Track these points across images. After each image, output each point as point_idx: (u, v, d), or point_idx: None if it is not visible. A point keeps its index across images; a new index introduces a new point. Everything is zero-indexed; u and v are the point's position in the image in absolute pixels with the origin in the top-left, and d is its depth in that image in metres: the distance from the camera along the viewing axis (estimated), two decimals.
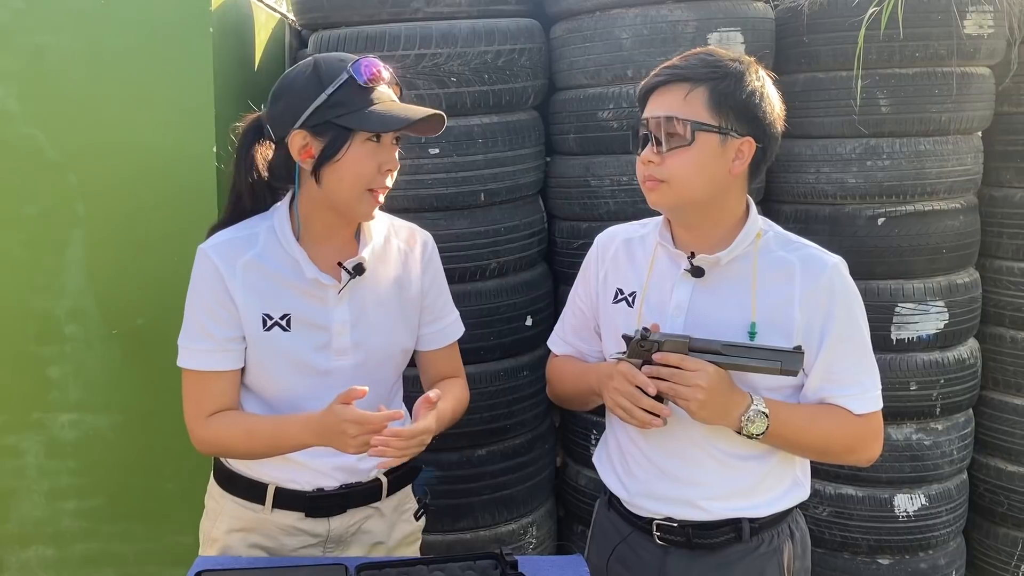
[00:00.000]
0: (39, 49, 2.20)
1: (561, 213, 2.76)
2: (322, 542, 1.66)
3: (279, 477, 1.63)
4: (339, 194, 1.53)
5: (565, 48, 2.61)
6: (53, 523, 2.37)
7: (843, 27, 2.55)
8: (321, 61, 1.52)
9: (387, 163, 1.53)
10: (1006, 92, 2.79)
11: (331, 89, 1.47)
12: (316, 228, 1.59)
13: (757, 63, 1.53)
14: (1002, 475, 2.85)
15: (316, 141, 1.50)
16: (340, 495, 1.65)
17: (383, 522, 1.72)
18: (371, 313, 1.64)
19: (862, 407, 1.53)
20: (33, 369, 2.30)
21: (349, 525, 1.68)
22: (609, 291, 1.68)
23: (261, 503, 1.64)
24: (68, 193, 2.25)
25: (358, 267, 1.59)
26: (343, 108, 1.47)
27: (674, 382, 1.46)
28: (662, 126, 1.46)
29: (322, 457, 1.61)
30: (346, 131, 1.48)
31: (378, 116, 1.47)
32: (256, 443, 1.58)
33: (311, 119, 1.48)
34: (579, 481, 2.81)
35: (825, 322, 1.50)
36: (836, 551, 2.72)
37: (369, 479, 1.68)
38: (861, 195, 2.62)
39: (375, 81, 1.49)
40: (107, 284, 2.28)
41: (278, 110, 1.54)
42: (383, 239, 1.68)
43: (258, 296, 1.57)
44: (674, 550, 1.61)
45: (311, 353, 1.59)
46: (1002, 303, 2.85)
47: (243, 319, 1.57)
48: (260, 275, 1.57)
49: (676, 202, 1.51)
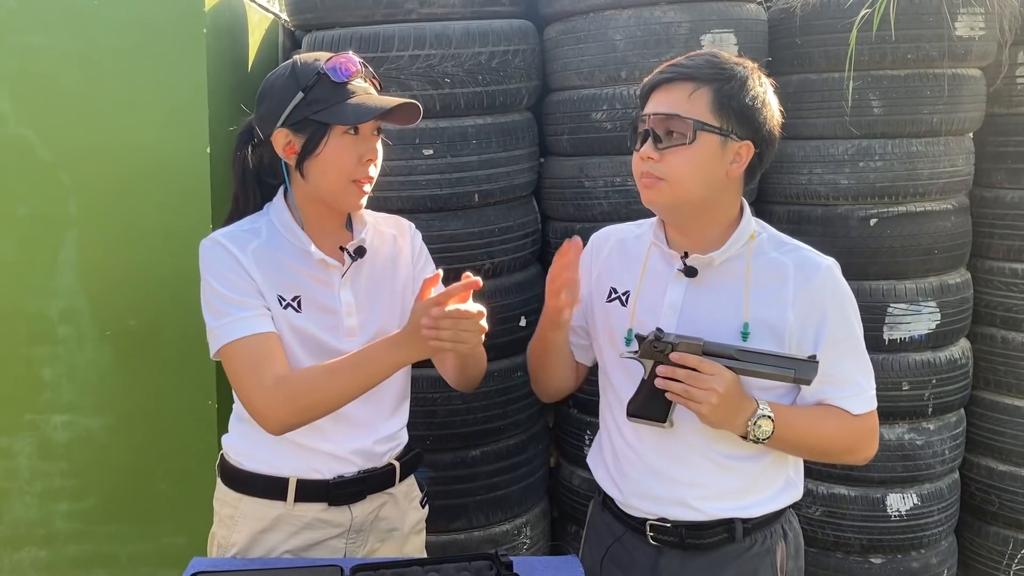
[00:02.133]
0: (32, 49, 2.19)
1: (555, 214, 2.76)
2: (345, 532, 1.68)
3: (299, 468, 1.64)
4: (324, 186, 1.59)
5: (559, 49, 2.62)
6: (45, 524, 2.37)
7: (835, 29, 2.56)
8: (298, 62, 1.60)
9: (367, 153, 1.59)
10: (997, 93, 2.80)
11: (307, 87, 1.54)
12: (311, 220, 1.66)
13: (759, 69, 1.53)
14: (993, 474, 2.86)
15: (297, 138, 1.58)
16: (359, 480, 1.67)
17: (397, 508, 1.76)
18: (372, 294, 1.70)
19: (860, 407, 1.54)
20: (26, 370, 2.30)
21: (368, 513, 1.70)
22: (603, 290, 1.68)
23: (283, 499, 1.64)
24: (61, 194, 2.24)
25: (359, 249, 1.66)
26: (319, 104, 1.54)
27: (689, 384, 1.45)
28: (664, 123, 1.47)
29: (343, 442, 1.65)
30: (324, 126, 1.55)
31: (351, 109, 1.54)
32: (340, 378, 1.53)
33: (291, 117, 1.56)
34: (573, 481, 2.81)
35: (820, 324, 1.51)
36: (829, 550, 2.73)
37: (383, 464, 1.72)
38: (853, 196, 2.63)
39: (350, 77, 1.57)
40: (100, 285, 2.28)
41: (262, 111, 1.62)
42: (372, 227, 1.74)
43: (271, 278, 1.60)
44: (667, 550, 1.61)
45: (324, 334, 1.62)
46: (993, 303, 2.86)
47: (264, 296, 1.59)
48: (270, 259, 1.61)
49: (672, 201, 1.51)
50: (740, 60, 1.52)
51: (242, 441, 1.69)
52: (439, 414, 2.50)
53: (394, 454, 1.75)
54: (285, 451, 1.63)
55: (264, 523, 1.66)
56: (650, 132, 1.48)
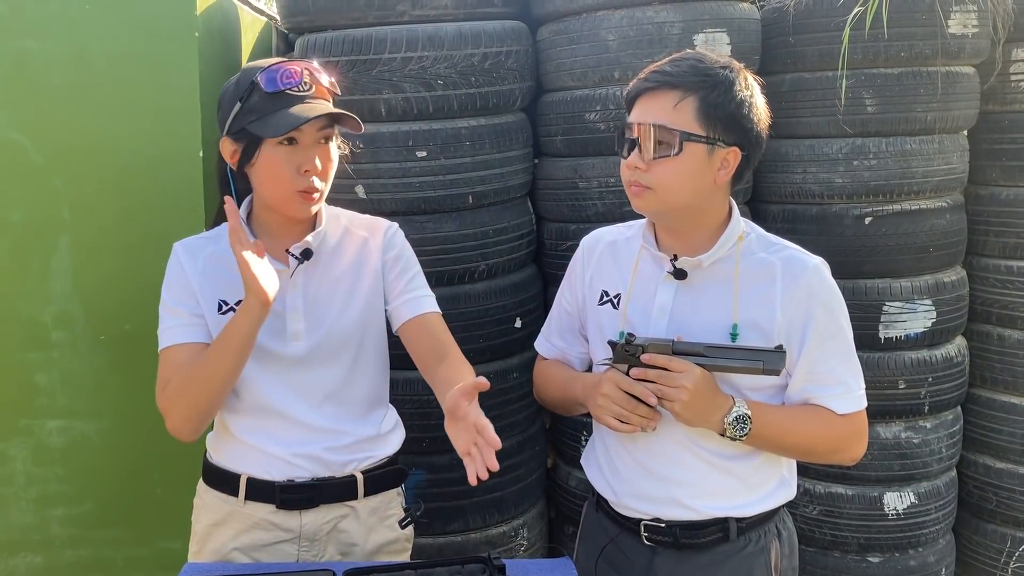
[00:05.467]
0: (23, 54, 2.19)
1: (549, 215, 2.76)
2: (295, 538, 1.66)
3: (252, 467, 1.66)
4: (266, 195, 1.61)
5: (552, 50, 2.61)
6: (41, 530, 2.36)
7: (829, 27, 2.56)
8: (243, 70, 1.60)
9: (304, 164, 1.55)
10: (991, 91, 2.80)
11: (242, 96, 1.54)
12: (269, 224, 1.67)
13: (746, 70, 1.52)
14: (990, 472, 2.86)
15: (237, 147, 1.58)
16: (310, 487, 1.65)
17: (358, 523, 1.70)
18: (325, 298, 1.67)
19: (845, 407, 1.53)
20: (20, 375, 2.29)
21: (323, 523, 1.67)
22: (595, 293, 1.68)
23: (235, 495, 1.66)
24: (54, 198, 2.24)
25: (305, 252, 1.64)
26: (254, 114, 1.54)
27: (660, 383, 1.47)
28: (651, 133, 1.46)
29: (290, 446, 1.64)
30: (257, 136, 1.53)
31: (275, 120, 1.51)
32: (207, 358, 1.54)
33: (232, 126, 1.57)
34: (570, 483, 2.81)
35: (806, 322, 1.51)
36: (826, 550, 2.73)
37: (343, 475, 1.68)
38: (848, 195, 2.62)
39: (289, 86, 1.53)
40: (94, 289, 2.27)
41: (218, 119, 1.63)
42: (343, 228, 1.72)
43: (215, 284, 1.63)
44: (662, 550, 1.61)
45: (265, 337, 1.60)
46: (989, 301, 2.86)
47: (203, 304, 1.62)
48: (219, 266, 1.64)
49: (660, 208, 1.52)
50: (727, 62, 1.50)
51: (214, 436, 1.75)
52: (434, 416, 2.47)
53: (360, 466, 1.69)
54: (241, 450, 1.66)
55: (218, 516, 1.69)
56: (636, 142, 1.48)
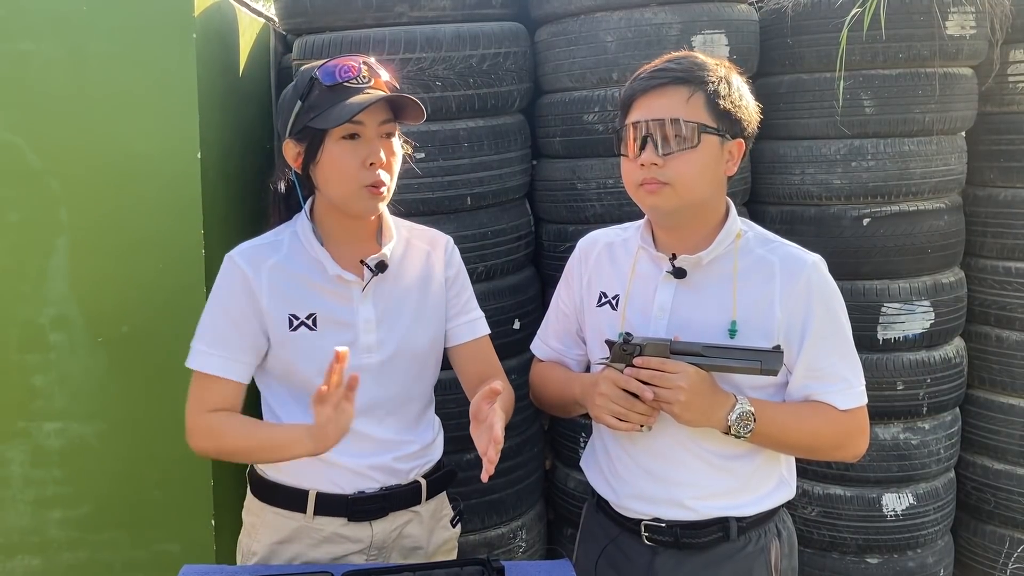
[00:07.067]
0: (21, 55, 2.18)
1: (548, 216, 2.76)
2: (365, 549, 1.65)
3: (320, 482, 1.63)
4: (333, 193, 1.56)
5: (550, 51, 2.62)
6: (39, 532, 2.35)
7: (827, 28, 2.56)
8: (300, 72, 1.58)
9: (370, 157, 1.53)
10: (989, 92, 2.81)
11: (303, 95, 1.52)
12: (334, 231, 1.62)
13: (733, 68, 1.56)
14: (989, 473, 2.86)
15: (300, 147, 1.56)
16: (381, 497, 1.64)
17: (422, 527, 1.72)
18: (396, 311, 1.65)
19: (846, 403, 1.54)
20: (17, 378, 2.28)
21: (391, 530, 1.67)
22: (593, 295, 1.68)
23: (302, 511, 1.63)
24: (51, 200, 2.23)
25: (380, 264, 1.61)
26: (315, 111, 1.51)
27: (655, 385, 1.46)
28: (667, 128, 1.47)
29: (361, 457, 1.62)
30: (321, 131, 1.51)
31: (337, 111, 1.50)
32: (251, 442, 1.56)
33: (294, 127, 1.55)
34: (568, 484, 2.81)
35: (805, 319, 1.51)
36: (825, 551, 2.73)
37: (408, 481, 1.68)
38: (846, 196, 2.63)
39: (347, 80, 1.52)
40: (91, 291, 2.26)
41: (278, 127, 1.62)
42: (404, 240, 1.70)
43: (284, 298, 1.59)
44: (662, 550, 1.61)
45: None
46: (987, 302, 2.87)
47: (268, 322, 1.59)
48: (285, 277, 1.60)
49: (678, 204, 1.51)
50: (719, 60, 1.55)
51: None
52: None
53: (421, 471, 1.71)
54: (307, 464, 1.57)
55: (283, 534, 1.65)
56: (649, 138, 1.48)
